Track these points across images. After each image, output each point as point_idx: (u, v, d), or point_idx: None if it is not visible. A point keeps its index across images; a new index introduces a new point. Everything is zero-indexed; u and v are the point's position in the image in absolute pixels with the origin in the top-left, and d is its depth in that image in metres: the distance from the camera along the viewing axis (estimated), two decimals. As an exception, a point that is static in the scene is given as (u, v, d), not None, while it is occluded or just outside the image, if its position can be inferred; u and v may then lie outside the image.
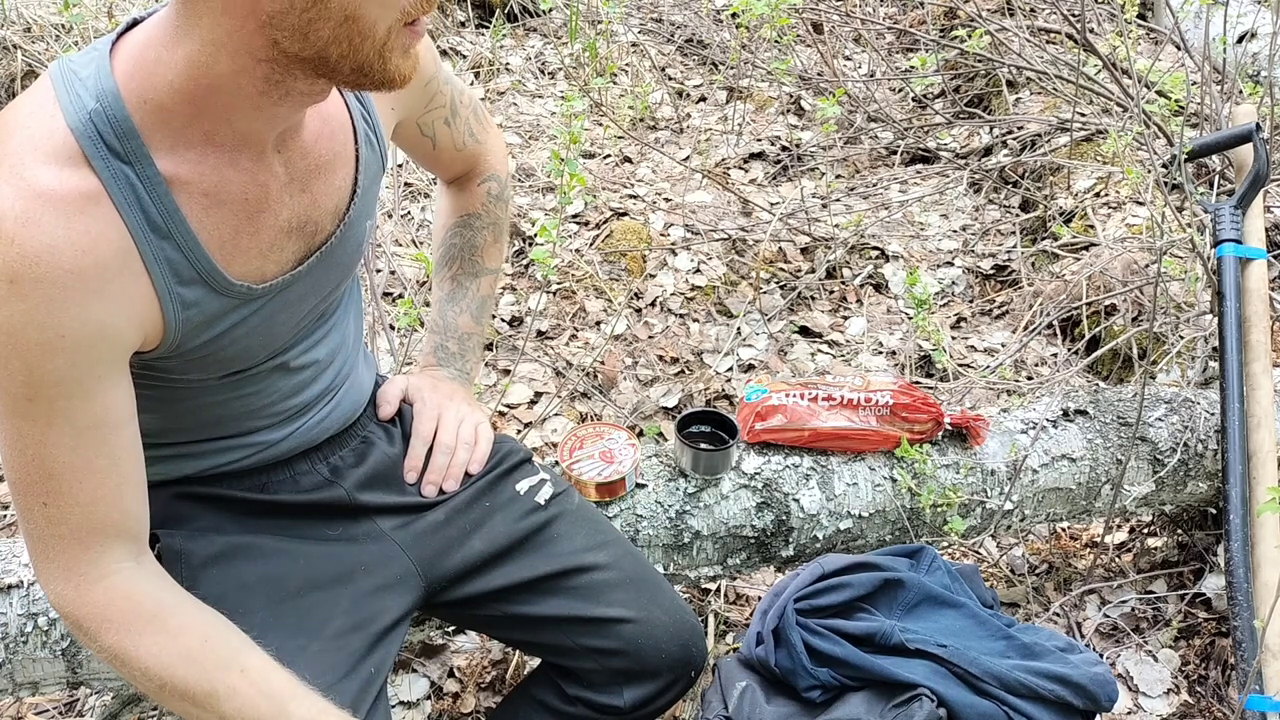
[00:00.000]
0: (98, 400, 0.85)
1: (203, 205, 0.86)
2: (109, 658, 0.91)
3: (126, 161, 0.81)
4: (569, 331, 2.40)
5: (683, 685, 1.19)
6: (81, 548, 0.88)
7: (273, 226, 0.92)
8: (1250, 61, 2.95)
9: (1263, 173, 1.66)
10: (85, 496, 0.87)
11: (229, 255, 0.89)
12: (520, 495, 1.21)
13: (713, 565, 1.47)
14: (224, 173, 0.87)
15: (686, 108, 3.46)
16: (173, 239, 0.85)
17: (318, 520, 1.12)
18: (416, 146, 1.22)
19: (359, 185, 1.00)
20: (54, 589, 0.90)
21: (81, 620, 0.90)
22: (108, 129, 0.80)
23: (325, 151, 0.96)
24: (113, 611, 0.90)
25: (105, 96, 0.80)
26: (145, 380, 0.94)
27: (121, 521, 0.90)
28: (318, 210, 0.96)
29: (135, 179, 0.82)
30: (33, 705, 1.59)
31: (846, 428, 1.48)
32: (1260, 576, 1.41)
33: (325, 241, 0.98)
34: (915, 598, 1.29)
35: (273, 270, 0.94)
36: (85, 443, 0.85)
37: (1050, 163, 2.78)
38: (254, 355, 0.99)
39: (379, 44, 0.81)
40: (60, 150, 0.79)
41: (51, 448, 0.84)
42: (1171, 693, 1.60)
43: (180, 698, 0.91)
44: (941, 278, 2.65)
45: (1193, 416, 1.64)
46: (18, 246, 0.77)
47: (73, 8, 2.40)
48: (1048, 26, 3.32)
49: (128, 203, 0.82)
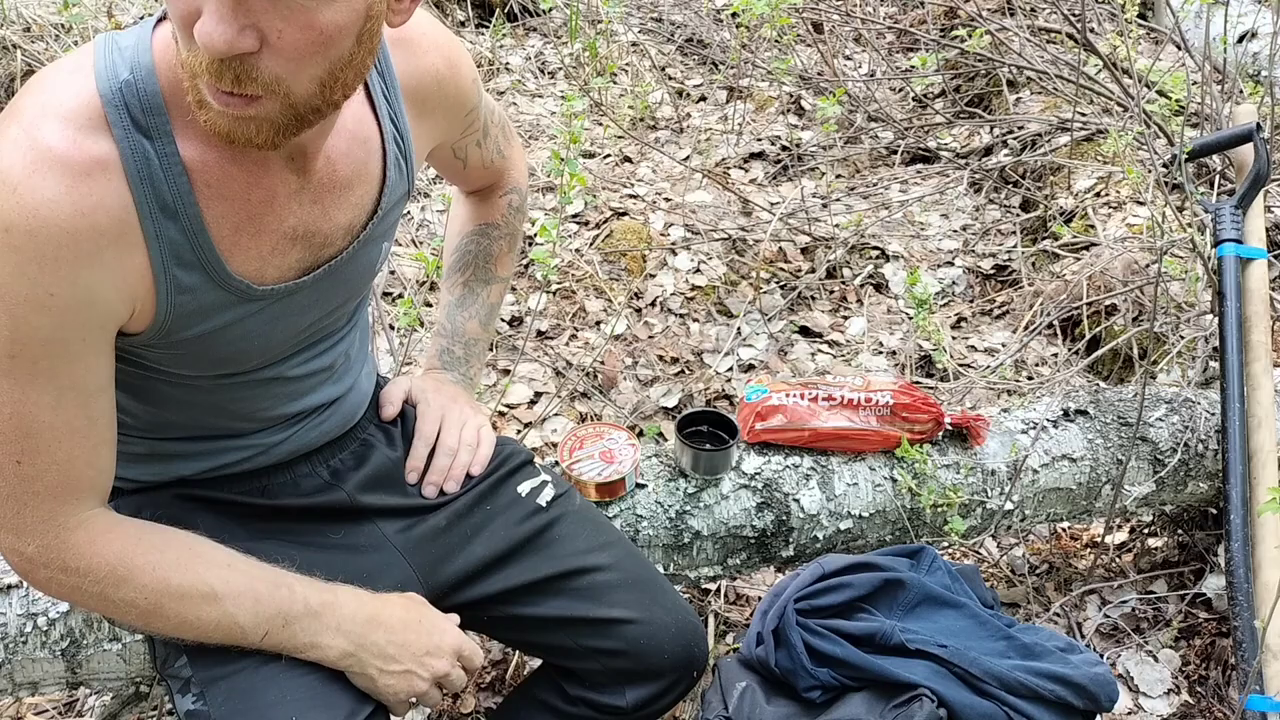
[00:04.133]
0: (80, 363, 0.85)
1: (209, 194, 0.86)
2: (99, 590, 0.92)
3: (148, 136, 0.82)
4: (569, 331, 2.40)
5: (685, 685, 1.19)
6: (57, 503, 0.89)
7: (275, 231, 0.91)
8: (1251, 61, 2.95)
9: (1263, 172, 1.66)
10: (62, 455, 0.88)
11: (229, 250, 0.89)
12: (522, 498, 1.20)
13: (713, 565, 1.47)
14: (228, 168, 0.86)
15: (686, 107, 3.46)
16: (178, 220, 0.85)
17: (319, 524, 1.12)
18: (447, 167, 1.24)
19: (381, 206, 1.00)
20: (28, 545, 0.90)
21: (69, 560, 0.91)
22: (135, 101, 0.81)
23: (346, 168, 0.95)
24: (100, 545, 0.91)
25: (140, 69, 0.81)
26: (141, 372, 0.94)
27: (95, 478, 0.92)
28: (328, 223, 0.95)
29: (153, 154, 0.82)
30: (32, 705, 1.59)
31: (847, 428, 1.48)
32: (1261, 577, 1.41)
33: (335, 256, 0.98)
34: (915, 598, 1.29)
35: (273, 275, 0.93)
36: (65, 403, 0.86)
37: (1051, 162, 2.78)
38: (248, 359, 0.98)
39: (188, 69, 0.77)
40: (82, 113, 0.80)
41: (31, 406, 0.85)
42: (1172, 693, 1.60)
43: (179, 599, 0.94)
44: (942, 277, 2.65)
45: (1193, 416, 1.64)
46: (18, 196, 0.77)
47: (72, 7, 2.40)
48: (1048, 26, 3.32)
49: (140, 177, 0.82)
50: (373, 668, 1.00)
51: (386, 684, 1.01)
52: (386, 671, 1.01)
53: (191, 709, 0.99)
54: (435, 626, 1.06)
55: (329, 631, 0.99)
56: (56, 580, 0.93)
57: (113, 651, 1.24)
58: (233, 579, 0.96)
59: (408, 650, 1.02)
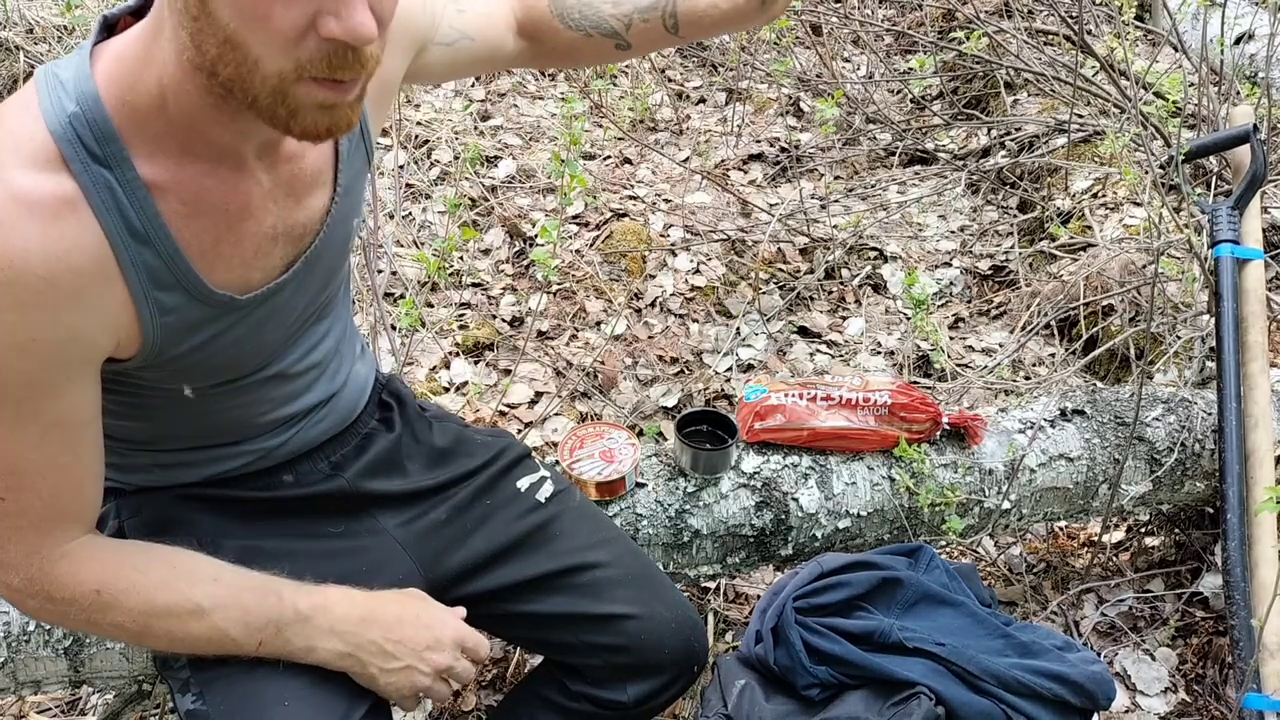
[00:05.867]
0: (65, 400, 0.84)
1: (182, 214, 0.85)
2: (86, 617, 0.92)
3: (106, 165, 0.80)
4: (569, 331, 2.40)
5: (685, 681, 1.20)
6: (40, 536, 0.89)
7: (256, 234, 0.90)
8: (1248, 62, 2.96)
9: (1260, 173, 1.67)
10: (47, 491, 0.87)
11: (210, 264, 0.88)
12: (521, 493, 1.21)
13: (712, 564, 1.48)
14: (203, 183, 0.85)
15: (686, 109, 3.46)
16: (152, 245, 0.83)
17: (320, 517, 1.12)
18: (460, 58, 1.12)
19: (339, 183, 0.97)
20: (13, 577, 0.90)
21: (53, 591, 0.90)
22: (87, 132, 0.79)
23: (313, 157, 0.94)
24: (84, 573, 0.91)
25: (85, 99, 0.79)
26: (139, 396, 0.94)
27: (81, 510, 0.92)
28: (306, 214, 0.94)
29: (115, 183, 0.80)
30: (35, 704, 1.60)
31: (845, 427, 1.49)
32: (1257, 575, 1.42)
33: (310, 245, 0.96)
34: (913, 596, 1.29)
35: (259, 278, 0.92)
36: (50, 440, 0.85)
37: (1048, 164, 2.79)
38: (244, 364, 0.98)
39: (271, 85, 0.76)
40: (39, 154, 0.78)
41: (15, 445, 0.84)
42: (1169, 691, 1.61)
43: (166, 617, 0.93)
44: (939, 278, 2.65)
45: (1190, 416, 1.65)
46: None
47: (74, 9, 2.41)
48: (1045, 28, 3.33)
49: (106, 207, 0.80)
50: (373, 667, 1.00)
51: (389, 682, 1.01)
52: (387, 670, 1.01)
53: (191, 709, 0.99)
54: (434, 620, 1.05)
55: (323, 634, 0.99)
56: (44, 609, 0.92)
57: (115, 650, 1.25)
58: (218, 592, 0.95)
59: (406, 646, 1.01)
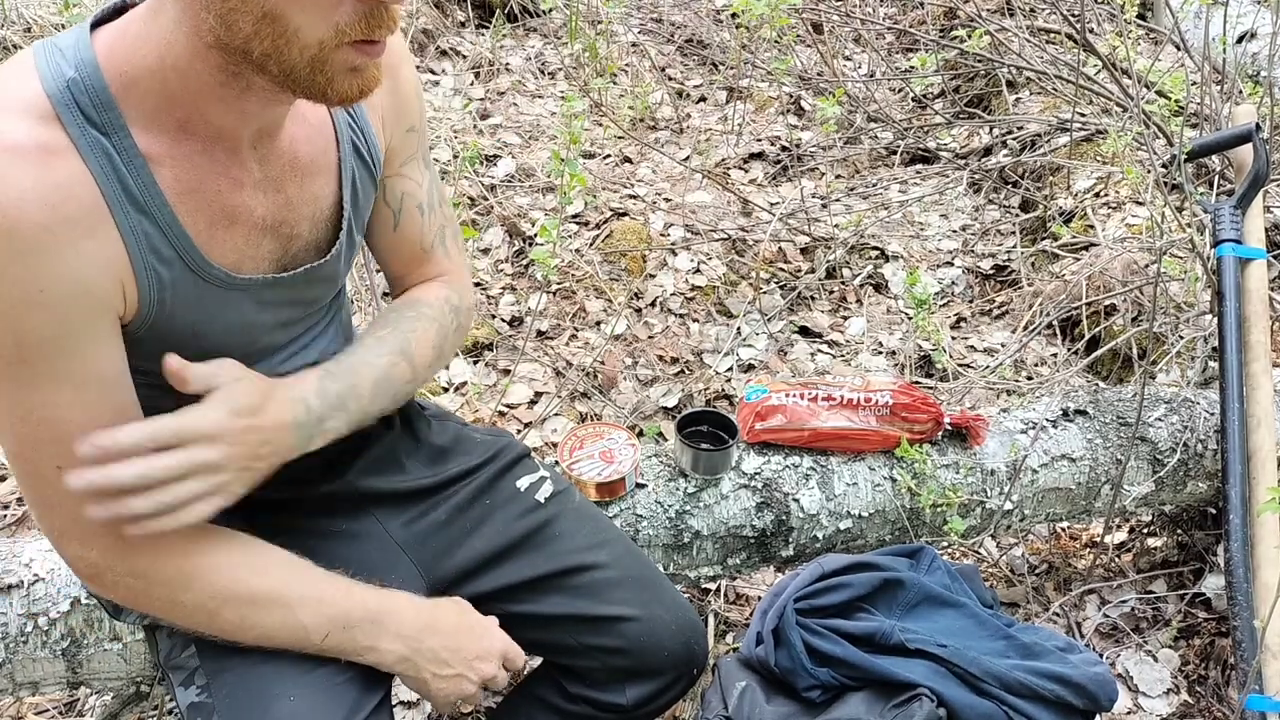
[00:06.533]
0: (90, 353, 0.84)
1: (176, 188, 0.84)
2: (168, 595, 0.91)
3: (103, 132, 0.80)
4: (569, 331, 2.40)
5: (685, 683, 1.19)
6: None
7: (247, 223, 0.90)
8: (1250, 61, 2.95)
9: (1262, 173, 1.66)
10: None
11: (206, 241, 0.88)
12: (520, 492, 1.21)
13: (713, 565, 1.47)
14: (197, 161, 0.85)
15: (686, 108, 3.46)
16: (150, 215, 0.83)
17: (319, 514, 1.12)
18: (376, 216, 1.09)
19: (345, 200, 0.97)
20: (89, 553, 0.88)
21: (135, 565, 0.89)
22: (85, 98, 0.79)
23: (304, 155, 0.94)
24: (163, 545, 0.89)
25: (84, 66, 0.79)
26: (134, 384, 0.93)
27: None
28: (292, 213, 0.94)
29: (112, 149, 0.80)
30: (33, 705, 1.59)
31: (846, 428, 1.48)
32: (1260, 577, 1.41)
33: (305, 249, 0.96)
34: (915, 597, 1.29)
35: (249, 267, 0.92)
36: (88, 399, 0.84)
37: (1050, 163, 2.78)
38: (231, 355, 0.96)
39: (310, 54, 0.77)
40: (32, 109, 0.77)
41: (54, 408, 0.83)
42: (1171, 693, 1.60)
43: (249, 603, 0.93)
44: (941, 278, 2.65)
45: (1192, 416, 1.64)
46: None
47: (72, 8, 2.41)
48: (1047, 26, 3.33)
49: (104, 172, 0.80)
50: (427, 672, 1.02)
51: (439, 688, 1.03)
52: (440, 676, 1.02)
53: (195, 701, 0.99)
54: (485, 631, 1.07)
55: (388, 636, 1.00)
56: (124, 584, 0.91)
57: (113, 651, 1.24)
58: (298, 580, 0.97)
59: (460, 655, 1.03)
